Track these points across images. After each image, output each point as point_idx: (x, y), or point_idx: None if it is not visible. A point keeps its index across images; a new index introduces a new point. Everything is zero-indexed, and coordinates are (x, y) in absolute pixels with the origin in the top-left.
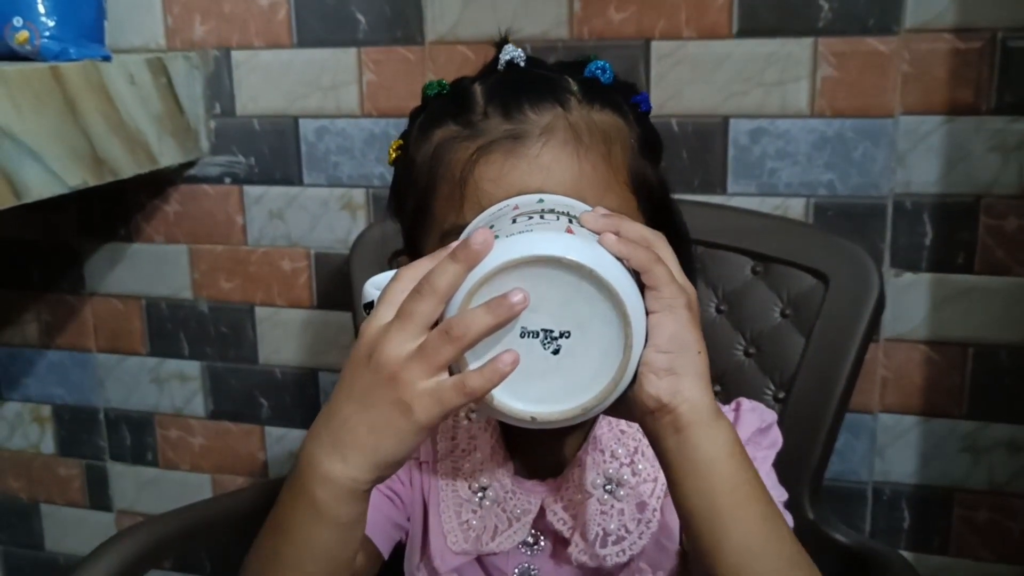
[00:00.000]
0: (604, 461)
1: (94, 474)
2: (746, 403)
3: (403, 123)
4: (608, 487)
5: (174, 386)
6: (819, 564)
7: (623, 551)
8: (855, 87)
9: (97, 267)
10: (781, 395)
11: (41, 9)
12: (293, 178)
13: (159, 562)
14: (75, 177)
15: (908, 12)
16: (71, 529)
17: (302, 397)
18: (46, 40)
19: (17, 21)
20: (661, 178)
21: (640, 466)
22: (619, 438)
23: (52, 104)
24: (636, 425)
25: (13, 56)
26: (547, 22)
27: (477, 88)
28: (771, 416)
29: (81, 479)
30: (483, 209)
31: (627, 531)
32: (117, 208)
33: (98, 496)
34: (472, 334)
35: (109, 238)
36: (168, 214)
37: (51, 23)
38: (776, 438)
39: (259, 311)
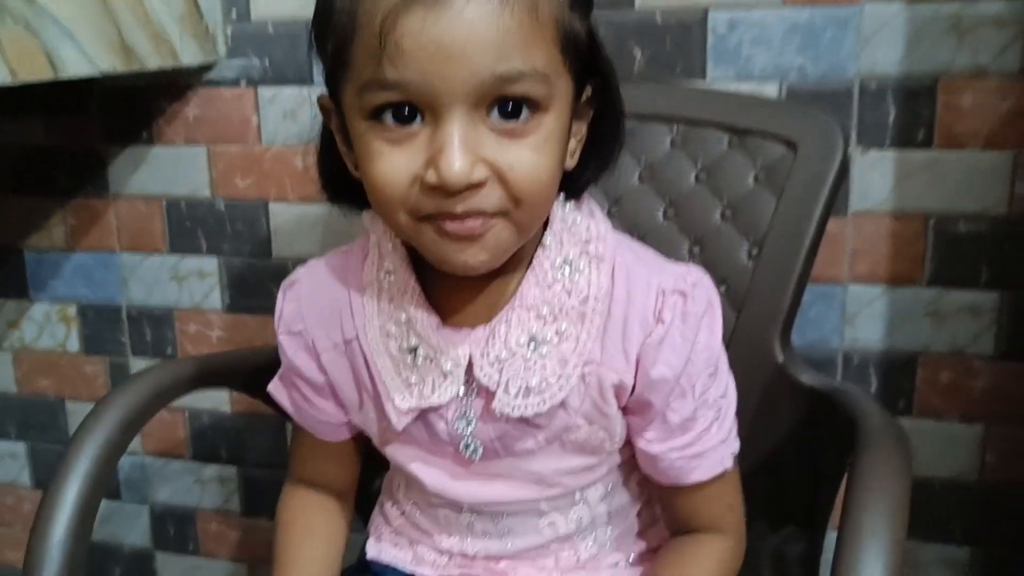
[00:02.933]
0: (529, 320)
1: (117, 370)
2: (688, 294)
3: None
4: (532, 344)
5: (193, 282)
6: (788, 408)
7: (543, 401)
8: None
9: (120, 170)
10: (754, 252)
11: None
12: (305, 79)
13: (173, 399)
14: (105, 62)
15: None
16: None
17: None
18: None
19: None
20: (591, 30)
21: (563, 325)
22: (544, 296)
23: None
24: (559, 285)
25: None
26: None
27: None
28: (714, 295)
29: (104, 375)
30: (403, 63)
31: (547, 384)
32: (139, 112)
33: None
34: None
35: (131, 142)
36: (187, 116)
37: None
38: (718, 315)
39: (273, 207)
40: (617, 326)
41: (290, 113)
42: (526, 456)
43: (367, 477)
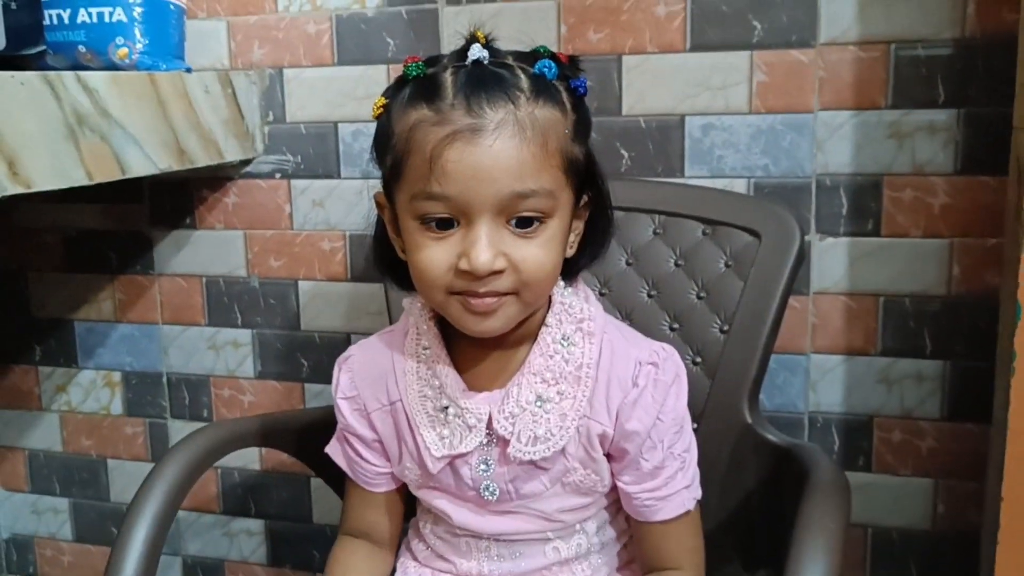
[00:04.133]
0: (536, 383)
1: (156, 431)
2: (660, 366)
3: None
4: (539, 403)
5: (228, 351)
6: (755, 462)
7: (548, 448)
8: (782, 89)
9: (165, 251)
10: (726, 327)
11: (137, 32)
12: (332, 172)
13: (228, 452)
14: (164, 162)
15: (822, 30)
16: (134, 481)
17: (337, 356)
18: (142, 56)
19: (119, 40)
20: (588, 153)
21: (562, 387)
22: (548, 364)
23: (149, 104)
24: (559, 356)
25: (115, 68)
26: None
27: (448, 79)
28: (681, 369)
29: (144, 436)
30: (447, 181)
31: (551, 434)
32: (184, 201)
33: (159, 450)
34: None
35: (176, 226)
36: (227, 205)
37: (145, 42)
38: (684, 385)
39: (302, 285)
40: (603, 388)
41: (319, 202)
42: (534, 497)
43: None
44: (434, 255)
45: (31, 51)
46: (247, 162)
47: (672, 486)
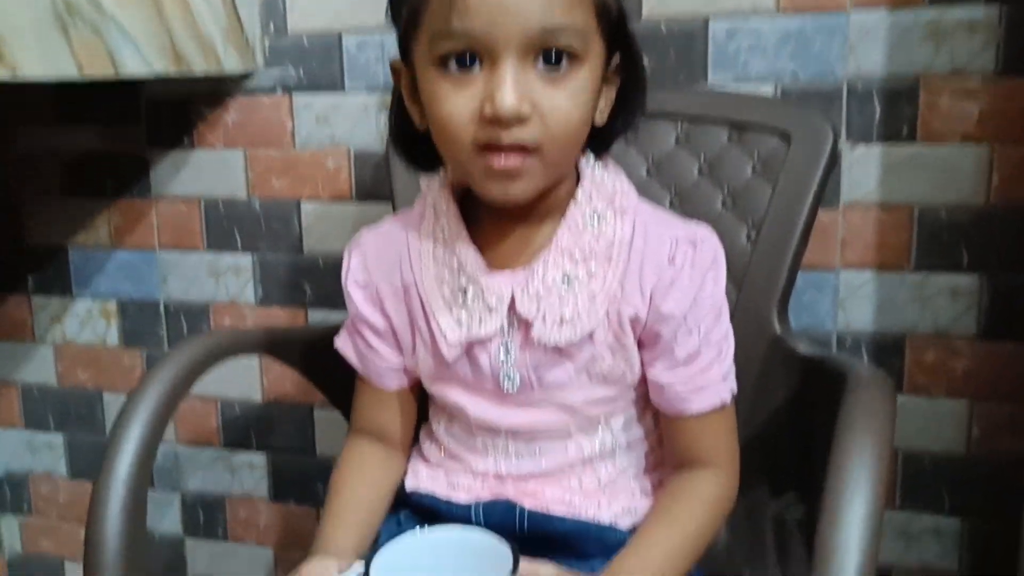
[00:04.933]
0: (564, 261)
1: (154, 362)
2: (698, 246)
3: None
4: (566, 282)
5: (228, 277)
6: (784, 377)
7: (575, 331)
8: None
9: (162, 174)
10: (753, 235)
11: None
12: (337, 86)
13: (228, 357)
14: (159, 64)
15: None
16: None
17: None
18: None
19: None
20: (621, 8)
21: (592, 266)
22: (577, 241)
23: (144, 3)
24: (589, 233)
25: None
26: None
27: None
28: (720, 252)
29: (142, 367)
30: (468, 16)
31: (579, 317)
32: (182, 120)
33: None
34: None
35: (174, 146)
36: (227, 123)
37: None
38: (722, 269)
39: (305, 206)
40: (635, 269)
41: (322, 118)
42: (557, 388)
43: None
44: (456, 103)
45: None
46: (247, 76)
47: (707, 376)
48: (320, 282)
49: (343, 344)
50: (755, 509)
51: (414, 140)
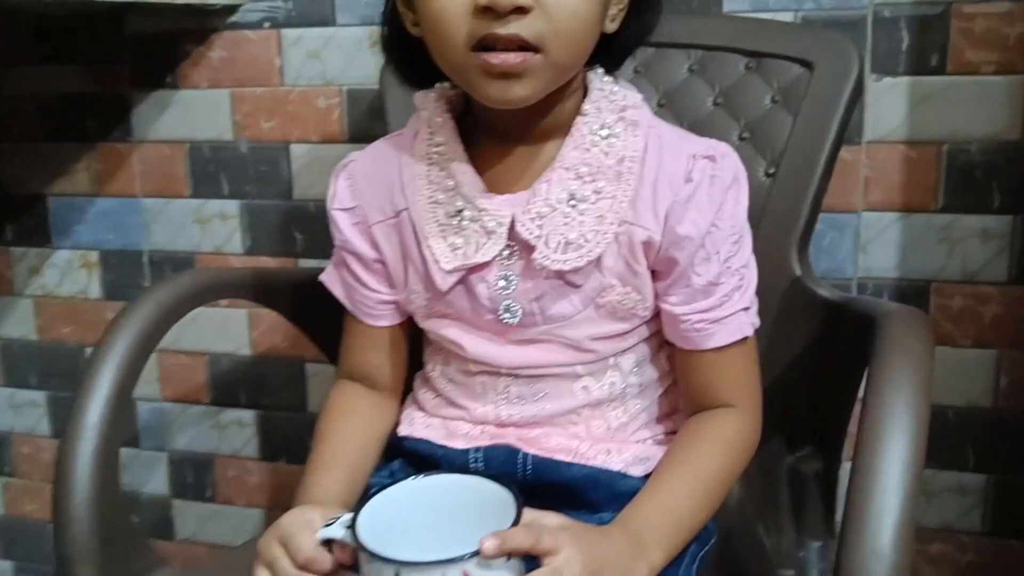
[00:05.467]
0: (569, 180)
1: None
2: (719, 161)
3: None
4: (572, 202)
5: (215, 225)
6: (804, 322)
7: (581, 256)
8: None
9: (145, 115)
10: (772, 171)
11: None
12: (328, 20)
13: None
14: None
15: None
16: None
17: None
18: None
19: None
20: None
21: (601, 184)
22: (584, 158)
23: None
24: (598, 149)
25: None
26: None
27: None
28: (741, 170)
29: None
30: None
31: (586, 240)
32: (165, 57)
33: None
34: None
35: (157, 86)
36: (212, 60)
37: None
38: (744, 189)
39: (294, 148)
40: (648, 187)
41: (313, 54)
42: (561, 322)
43: None
44: None
45: None
46: (233, 9)
47: (728, 307)
48: (311, 230)
49: (329, 278)
50: (770, 461)
51: (409, 50)
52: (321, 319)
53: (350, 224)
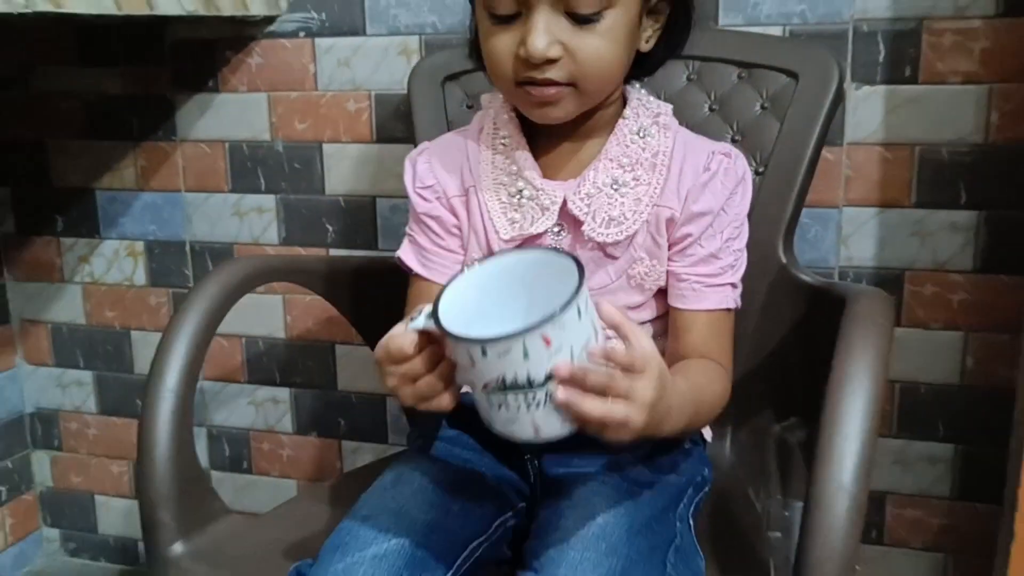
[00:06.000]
0: (613, 168)
1: (180, 301)
2: (733, 159)
3: None
4: (614, 186)
5: (252, 217)
6: (790, 304)
7: (621, 231)
8: None
9: (187, 116)
10: (761, 169)
11: None
12: (358, 30)
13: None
14: (191, 4)
15: None
16: None
17: (363, 221)
18: None
19: None
20: None
21: (638, 172)
22: (625, 151)
23: None
24: (636, 145)
25: None
26: None
27: None
28: (748, 173)
29: (168, 306)
30: None
31: (625, 217)
32: (207, 63)
33: None
34: None
35: (199, 89)
36: (251, 66)
37: None
38: (749, 189)
39: (327, 147)
40: (675, 176)
41: (344, 61)
42: (598, 291)
43: None
44: (499, 43)
45: None
46: (271, 20)
47: (721, 278)
48: (341, 221)
49: (404, 252)
50: (760, 431)
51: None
52: (357, 301)
53: (431, 198)
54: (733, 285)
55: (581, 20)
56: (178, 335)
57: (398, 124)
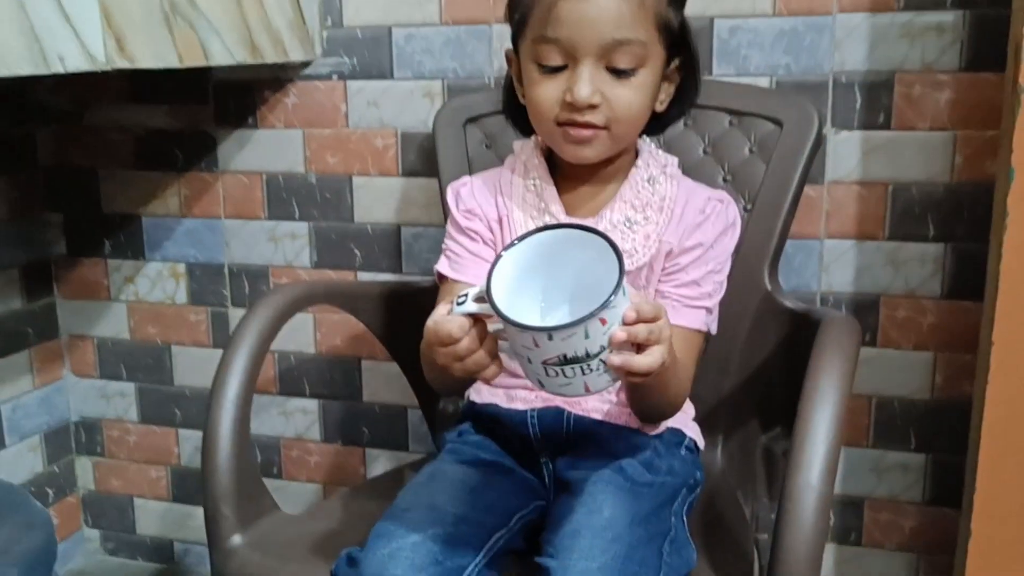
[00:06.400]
0: (627, 209)
1: (218, 318)
2: (725, 205)
3: (474, 29)
4: (627, 223)
5: (286, 243)
6: (774, 327)
7: (633, 263)
8: None
9: (228, 150)
10: (749, 206)
11: None
12: (386, 74)
13: (304, 307)
14: (240, 54)
15: None
16: (197, 366)
17: (388, 247)
18: None
19: None
20: (683, 23)
21: (648, 213)
22: (637, 195)
23: (229, 2)
24: (647, 191)
25: None
26: None
27: None
28: (738, 219)
29: (207, 323)
30: (560, 27)
31: (636, 250)
32: (247, 102)
33: (220, 336)
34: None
35: (239, 126)
36: (287, 105)
37: None
38: (737, 231)
39: (356, 180)
40: (678, 216)
41: (373, 102)
42: None
43: None
44: (547, 89)
45: None
46: (306, 64)
47: (699, 301)
48: (368, 247)
49: (440, 265)
50: (747, 440)
51: (519, 110)
52: (388, 321)
53: (472, 218)
54: (708, 310)
55: (619, 73)
56: (237, 352)
57: (421, 160)
